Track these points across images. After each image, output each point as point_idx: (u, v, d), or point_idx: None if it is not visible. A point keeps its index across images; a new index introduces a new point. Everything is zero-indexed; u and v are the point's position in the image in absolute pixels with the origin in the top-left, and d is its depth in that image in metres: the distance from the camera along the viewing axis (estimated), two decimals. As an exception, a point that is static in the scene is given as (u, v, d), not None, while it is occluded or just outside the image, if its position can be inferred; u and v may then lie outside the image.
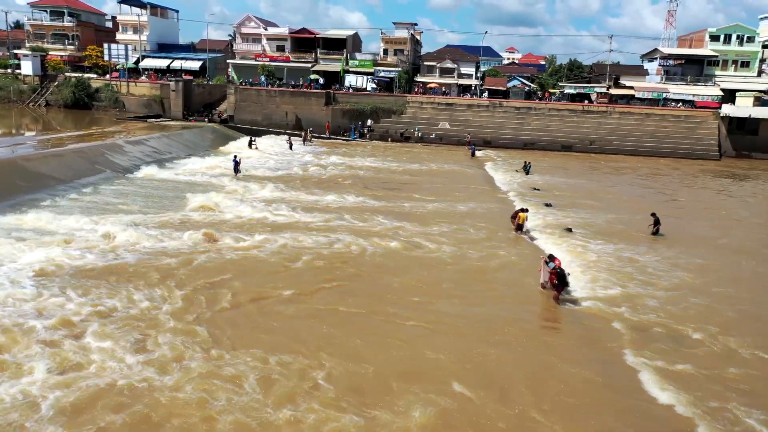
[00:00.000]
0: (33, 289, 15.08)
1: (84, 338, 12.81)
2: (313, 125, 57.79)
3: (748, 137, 58.54)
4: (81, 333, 13.05)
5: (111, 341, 12.71)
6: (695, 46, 77.82)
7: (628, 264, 20.50)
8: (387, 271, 18.70)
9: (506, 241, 23.06)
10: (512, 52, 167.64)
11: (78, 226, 21.19)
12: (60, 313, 13.82)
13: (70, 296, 14.83)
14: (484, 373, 12.49)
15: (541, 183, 37.19)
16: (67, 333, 12.99)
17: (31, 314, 13.67)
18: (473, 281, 18.28)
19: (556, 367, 12.97)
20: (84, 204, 24.78)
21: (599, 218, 27.85)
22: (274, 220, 23.62)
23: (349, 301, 15.95)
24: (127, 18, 79.46)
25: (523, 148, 56.98)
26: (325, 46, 75.01)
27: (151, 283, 16.20)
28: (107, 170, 32.38)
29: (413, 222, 24.86)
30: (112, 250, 18.78)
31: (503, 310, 16.07)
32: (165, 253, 18.85)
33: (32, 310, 13.93)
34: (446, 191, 33.13)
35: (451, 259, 20.29)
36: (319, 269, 18.38)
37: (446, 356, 13.10)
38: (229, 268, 17.97)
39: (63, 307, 14.19)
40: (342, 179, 35.32)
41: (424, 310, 15.64)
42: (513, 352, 13.66)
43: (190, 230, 21.22)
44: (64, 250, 18.22)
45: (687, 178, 44.75)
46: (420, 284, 17.66)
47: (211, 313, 14.66)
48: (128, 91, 62.69)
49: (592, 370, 12.93)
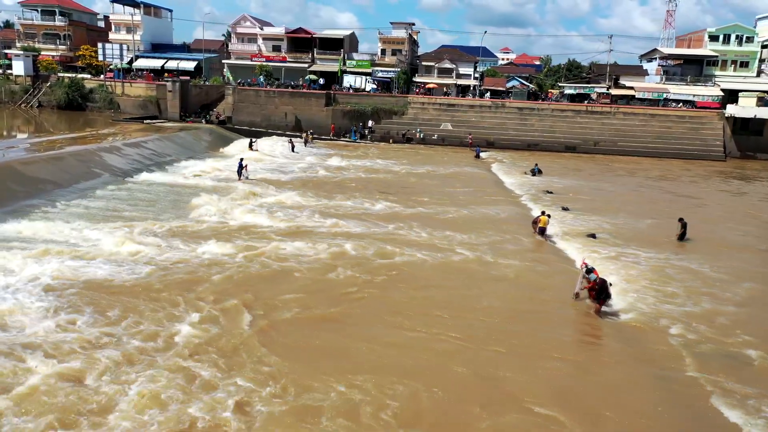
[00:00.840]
0: (42, 310, 13.87)
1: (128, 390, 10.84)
2: (313, 126, 56.62)
3: (752, 138, 58.00)
4: (123, 381, 11.14)
5: (158, 383, 11.16)
6: (694, 46, 77.42)
7: (663, 272, 19.57)
8: (420, 281, 17.66)
9: (533, 249, 22.09)
10: (507, 52, 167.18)
11: (82, 235, 20.04)
12: (78, 346, 12.38)
13: (87, 319, 13.62)
14: (558, 394, 11.66)
15: (553, 186, 36.25)
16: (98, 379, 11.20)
17: (46, 345, 12.19)
18: (508, 293, 17.26)
19: (623, 388, 12.12)
20: (85, 210, 23.59)
21: (620, 223, 26.95)
22: (288, 227, 22.48)
23: (395, 319, 14.87)
24: (120, 17, 77.83)
25: (526, 149, 56.16)
26: (321, 46, 73.88)
27: (174, 301, 14.97)
28: (106, 174, 31.16)
29: (436, 228, 23.83)
30: (122, 262, 17.61)
31: (546, 326, 15.05)
32: (181, 264, 17.70)
33: (46, 341, 12.40)
34: (460, 195, 32.12)
35: (481, 268, 19.29)
36: (350, 280, 17.31)
37: (513, 376, 12.27)
38: (254, 280, 16.86)
39: (82, 338, 12.70)
40: (352, 182, 34.23)
41: (470, 327, 14.64)
42: (574, 371, 12.76)
43: (203, 239, 20.09)
44: (70, 262, 17.07)
45: (700, 179, 44.01)
46: (458, 297, 16.65)
47: (256, 335, 13.41)
48: (123, 91, 61.25)
49: (660, 392, 11.98)
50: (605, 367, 12.99)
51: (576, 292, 16.58)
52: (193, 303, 14.88)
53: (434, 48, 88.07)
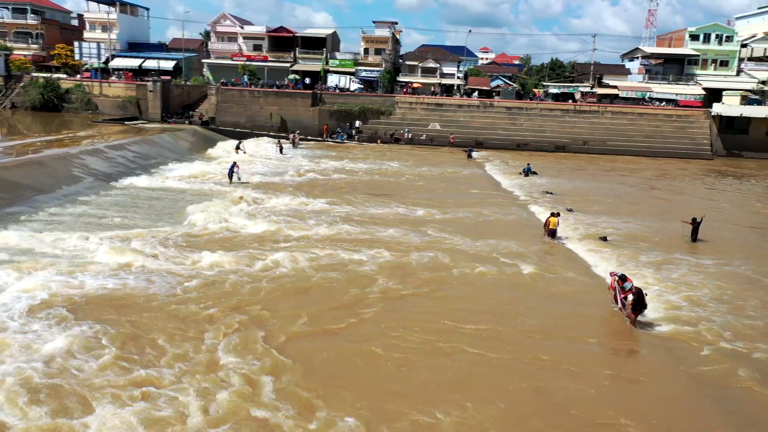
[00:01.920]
0: (31, 333, 12.54)
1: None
2: (299, 127, 55.27)
3: (738, 136, 58.26)
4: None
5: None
6: (674, 46, 77.93)
7: (687, 275, 18.86)
8: (443, 291, 16.67)
9: (547, 253, 21.19)
10: (486, 51, 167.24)
11: (69, 245, 18.68)
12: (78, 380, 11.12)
13: (83, 343, 12.33)
14: (618, 408, 11.03)
15: (551, 186, 35.60)
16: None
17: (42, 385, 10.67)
18: (537, 304, 16.32)
19: (681, 402, 11.33)
20: (71, 218, 22.15)
21: (627, 224, 26.30)
22: (290, 234, 21.29)
23: (426, 333, 13.88)
24: (95, 15, 75.42)
25: (516, 149, 55.60)
26: (303, 45, 72.59)
27: (183, 319, 13.77)
28: (89, 178, 29.63)
29: (446, 233, 22.88)
30: (115, 274, 16.30)
31: (584, 338, 14.16)
32: (183, 276, 16.45)
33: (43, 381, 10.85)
34: (462, 197, 31.13)
35: (500, 275, 18.34)
36: (369, 291, 16.24)
37: (568, 390, 11.55)
38: (260, 293, 15.67)
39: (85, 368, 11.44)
40: (347, 185, 33.08)
41: (503, 338, 13.74)
42: (626, 385, 12.06)
43: (203, 248, 18.85)
44: (59, 276, 15.71)
45: (696, 178, 43.86)
46: (485, 308, 15.68)
47: (277, 359, 12.21)
48: (101, 92, 59.15)
49: (724, 412, 11.20)
50: (656, 380, 12.13)
51: (617, 304, 15.64)
52: (211, 323, 13.67)
53: (411, 48, 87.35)
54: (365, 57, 73.63)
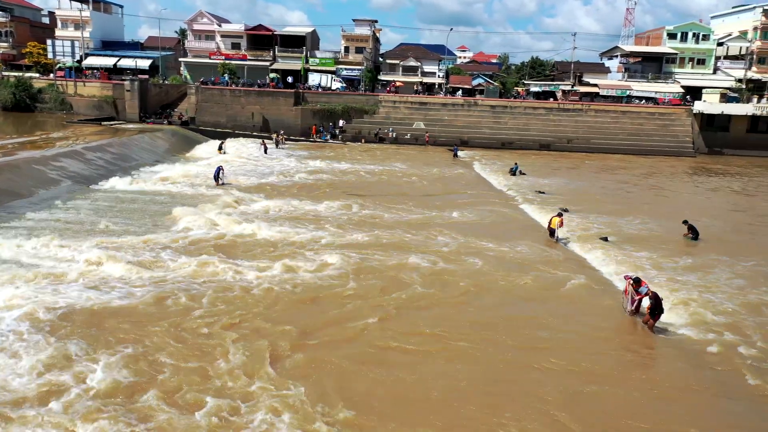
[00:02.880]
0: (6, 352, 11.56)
1: None
2: (282, 127, 54.19)
3: (719, 134, 58.68)
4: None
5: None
6: (652, 44, 78.62)
7: (696, 277, 18.42)
8: (452, 299, 15.94)
9: (547, 254, 20.62)
10: (464, 50, 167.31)
11: (50, 253, 17.62)
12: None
13: (64, 363, 11.39)
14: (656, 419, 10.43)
15: (542, 185, 35.20)
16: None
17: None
18: (541, 307, 15.74)
19: (715, 420, 10.73)
20: (50, 224, 20.96)
21: (625, 223, 25.92)
22: (286, 239, 20.38)
23: (446, 344, 13.19)
24: (67, 13, 73.32)
25: (501, 148, 55.30)
26: (283, 43, 71.53)
27: (180, 336, 12.83)
28: (68, 181, 28.38)
29: (445, 235, 22.18)
30: (101, 285, 15.28)
31: (598, 346, 13.60)
32: (175, 285, 15.49)
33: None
34: (456, 198, 30.42)
35: (506, 278, 17.72)
36: (377, 299, 15.45)
37: (605, 401, 11.07)
38: (259, 303, 14.78)
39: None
40: (338, 186, 32.17)
41: (517, 348, 13.08)
42: (660, 395, 11.38)
43: (194, 255, 17.89)
44: (39, 288, 14.66)
45: (685, 176, 43.90)
46: (497, 317, 15.03)
47: (290, 384, 11.21)
48: (76, 91, 57.24)
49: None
50: (688, 392, 11.59)
51: (631, 309, 15.11)
52: (209, 339, 12.79)
53: (389, 47, 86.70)
54: (346, 55, 72.82)
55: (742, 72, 69.77)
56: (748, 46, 73.35)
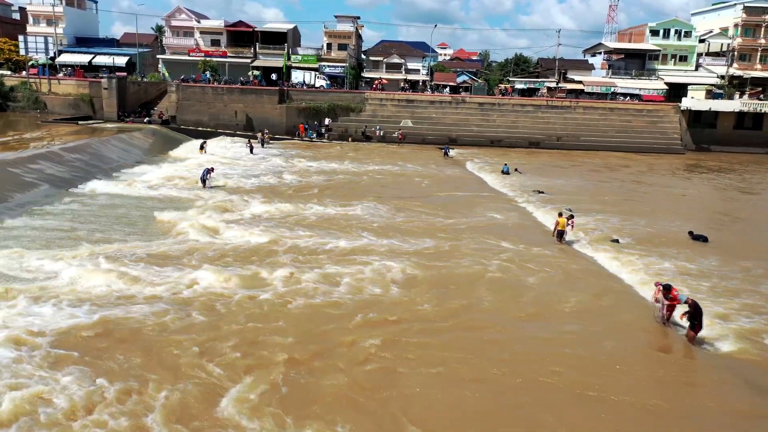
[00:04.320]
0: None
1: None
2: (266, 125, 52.61)
3: (707, 130, 58.59)
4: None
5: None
6: (635, 41, 78.62)
7: (722, 281, 17.55)
8: (467, 313, 14.82)
9: (559, 258, 19.61)
10: (444, 47, 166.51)
11: (29, 266, 16.07)
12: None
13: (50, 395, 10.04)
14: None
15: (540, 184, 34.32)
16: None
17: None
18: (561, 319, 14.70)
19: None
20: (26, 232, 19.36)
21: (631, 224, 25.02)
22: (284, 245, 19.06)
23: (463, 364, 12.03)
24: (38, 8, 70.67)
25: (490, 146, 54.54)
26: (264, 40, 70.00)
27: (177, 364, 11.46)
28: (45, 185, 26.65)
29: (449, 240, 21.05)
30: (87, 302, 13.84)
31: (629, 361, 12.57)
32: (171, 301, 14.12)
33: None
34: (453, 199, 29.35)
35: (519, 287, 16.67)
36: (384, 311, 14.27)
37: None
38: (264, 319, 13.46)
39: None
40: (330, 187, 30.84)
41: (542, 364, 11.97)
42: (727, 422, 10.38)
43: (189, 265, 16.53)
44: (19, 306, 13.22)
45: (681, 173, 43.33)
46: (508, 327, 13.96)
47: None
48: (50, 89, 54.96)
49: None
50: (748, 418, 10.60)
51: (663, 318, 14.15)
52: (209, 358, 11.50)
53: (368, 44, 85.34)
54: (328, 52, 71.52)
55: (724, 69, 69.90)
56: (729, 43, 73.55)
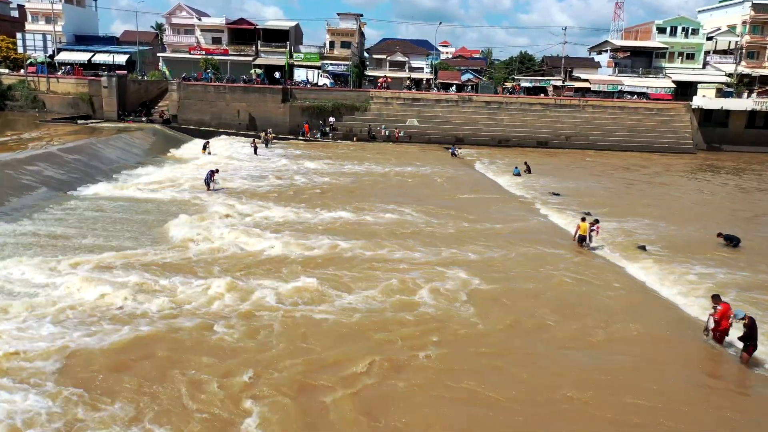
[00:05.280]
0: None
1: None
2: (269, 125, 51.54)
3: (718, 130, 57.55)
4: None
5: None
6: (641, 38, 77.61)
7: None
8: (475, 326, 13.78)
9: (585, 267, 18.55)
10: (446, 45, 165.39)
11: (22, 276, 15.01)
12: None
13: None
14: None
15: (553, 186, 33.30)
16: None
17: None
18: (600, 336, 13.66)
19: None
20: (23, 239, 18.31)
21: (654, 229, 23.95)
22: (298, 254, 17.98)
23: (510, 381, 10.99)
24: (37, 6, 69.61)
25: (497, 145, 53.53)
26: (265, 38, 68.93)
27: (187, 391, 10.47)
28: (43, 188, 25.58)
29: (468, 245, 20.01)
30: (91, 318, 12.80)
31: (685, 392, 11.54)
32: (179, 318, 13.04)
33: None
34: (467, 201, 28.34)
35: (548, 300, 15.63)
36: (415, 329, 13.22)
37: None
38: (289, 339, 12.35)
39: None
40: (341, 190, 29.70)
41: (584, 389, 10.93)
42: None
43: (197, 275, 15.44)
44: (16, 323, 12.17)
45: (698, 175, 42.26)
46: (536, 347, 12.92)
47: None
48: (49, 88, 53.82)
49: None
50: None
51: (709, 333, 13.14)
52: (225, 389, 10.44)
53: (369, 42, 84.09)
54: (331, 50, 70.45)
55: (732, 67, 68.86)
56: (738, 40, 72.49)
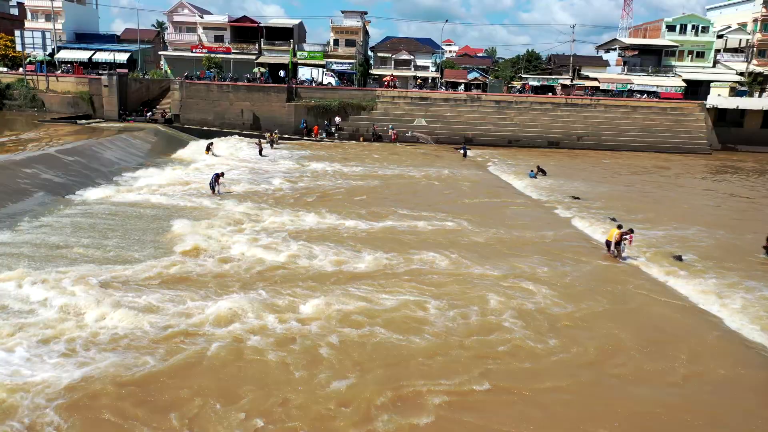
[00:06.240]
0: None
1: None
2: (274, 125, 50.22)
3: (733, 129, 56.21)
4: None
5: None
6: (650, 36, 76.42)
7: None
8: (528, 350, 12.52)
9: (623, 281, 17.30)
10: (449, 44, 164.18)
11: (13, 293, 13.73)
12: None
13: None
14: None
15: (570, 188, 32.02)
16: None
17: None
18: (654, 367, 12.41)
19: None
20: (17, 249, 17.03)
21: (685, 236, 22.66)
22: (316, 266, 16.63)
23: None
24: (37, 3, 68.49)
25: (507, 146, 52.23)
26: (268, 36, 67.75)
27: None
28: (40, 192, 24.35)
29: (491, 256, 18.75)
30: (84, 346, 11.47)
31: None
32: (186, 343, 11.74)
33: None
34: (485, 206, 27.03)
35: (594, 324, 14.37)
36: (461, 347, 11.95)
37: None
38: (319, 365, 11.10)
39: None
40: (353, 194, 28.34)
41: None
42: None
43: (208, 292, 14.15)
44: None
45: (721, 176, 40.93)
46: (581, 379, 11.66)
47: None
48: (48, 87, 52.50)
49: None
50: None
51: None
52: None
53: (372, 41, 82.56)
54: (335, 48, 69.28)
55: (743, 65, 67.53)
56: (748, 38, 71.21)
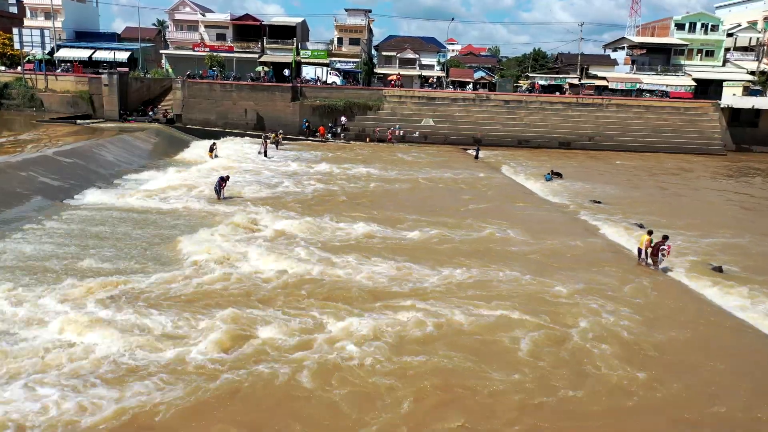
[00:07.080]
0: None
1: None
2: (278, 125, 48.98)
3: (748, 129, 54.95)
4: None
5: None
6: (659, 35, 75.27)
7: None
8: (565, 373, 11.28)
9: (662, 297, 16.05)
10: (452, 43, 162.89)
11: (16, 313, 12.51)
12: None
13: None
14: None
15: (589, 192, 30.79)
16: None
17: None
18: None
19: None
20: (10, 261, 15.79)
21: (719, 244, 21.42)
22: (337, 279, 15.38)
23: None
24: (36, 1, 67.41)
25: (517, 146, 51.03)
26: (271, 34, 66.55)
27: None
28: (37, 196, 23.12)
29: (521, 269, 17.49)
30: (83, 377, 10.25)
31: None
32: (193, 376, 10.50)
33: None
34: (505, 211, 25.83)
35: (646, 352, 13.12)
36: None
37: None
38: (339, 400, 9.90)
39: None
40: (365, 199, 27.05)
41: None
42: None
43: (214, 312, 12.87)
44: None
45: (746, 179, 39.65)
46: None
47: None
48: (47, 86, 51.23)
49: None
50: None
51: None
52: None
53: (375, 40, 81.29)
54: (339, 47, 68.16)
55: (753, 64, 66.29)
56: (759, 37, 69.99)
